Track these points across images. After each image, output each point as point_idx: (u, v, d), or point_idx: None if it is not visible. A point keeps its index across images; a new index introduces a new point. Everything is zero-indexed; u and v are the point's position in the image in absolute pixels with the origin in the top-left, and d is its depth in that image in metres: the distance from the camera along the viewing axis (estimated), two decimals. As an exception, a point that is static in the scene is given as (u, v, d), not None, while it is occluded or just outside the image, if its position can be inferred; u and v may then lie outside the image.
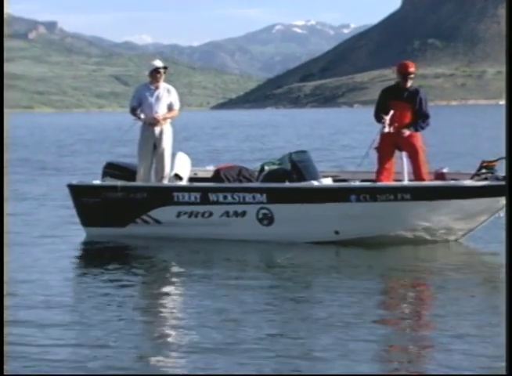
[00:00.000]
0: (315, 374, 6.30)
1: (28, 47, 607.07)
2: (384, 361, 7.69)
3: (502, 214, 12.76)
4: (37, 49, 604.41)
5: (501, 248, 12.70)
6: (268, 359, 7.45)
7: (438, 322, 8.87)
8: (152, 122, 14.23)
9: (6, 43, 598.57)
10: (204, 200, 13.65)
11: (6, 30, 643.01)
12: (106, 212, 14.19)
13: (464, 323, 8.65)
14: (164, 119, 14.28)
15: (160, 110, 14.28)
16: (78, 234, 14.58)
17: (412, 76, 13.69)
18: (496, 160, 13.03)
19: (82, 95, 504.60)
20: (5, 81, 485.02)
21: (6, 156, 39.31)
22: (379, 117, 13.52)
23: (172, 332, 8.73)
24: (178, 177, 14.20)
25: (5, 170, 30.34)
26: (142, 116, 14.20)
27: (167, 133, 14.37)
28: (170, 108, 14.43)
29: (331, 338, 8.13)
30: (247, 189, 13.60)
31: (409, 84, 13.65)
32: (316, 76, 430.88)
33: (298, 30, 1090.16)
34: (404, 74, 13.62)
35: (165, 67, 14.52)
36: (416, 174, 13.44)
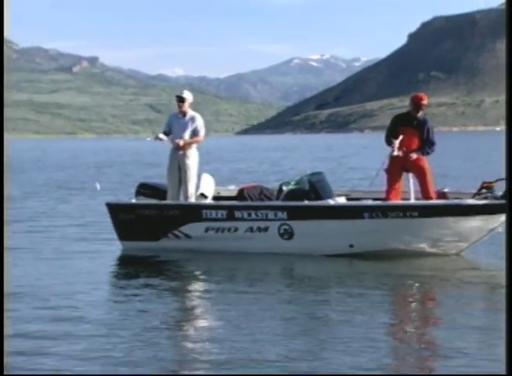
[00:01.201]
0: (317, 374, 5.90)
1: (72, 79, 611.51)
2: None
3: (501, 229, 12.78)
4: (81, 81, 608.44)
5: (500, 261, 12.63)
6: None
7: (440, 333, 8.70)
8: (175, 147, 14.29)
9: (53, 76, 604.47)
10: (230, 217, 13.64)
11: (54, 64, 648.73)
12: (141, 227, 14.17)
13: (466, 335, 8.46)
14: (186, 144, 14.23)
15: (186, 136, 14.25)
16: (115, 248, 14.54)
17: (424, 108, 13.71)
18: (495, 182, 13.07)
19: (120, 122, 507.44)
20: (52, 110, 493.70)
21: (52, 176, 39.66)
22: (389, 141, 13.57)
23: (196, 343, 8.53)
24: (203, 196, 14.23)
25: (47, 189, 30.60)
26: (166, 139, 14.36)
27: (191, 157, 14.33)
28: (194, 134, 14.39)
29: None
30: (270, 207, 13.57)
31: (420, 114, 13.65)
32: (330, 104, 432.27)
33: (314, 64, 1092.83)
34: (417, 105, 13.63)
35: (181, 98, 14.37)
36: (424, 193, 13.40)
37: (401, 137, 13.34)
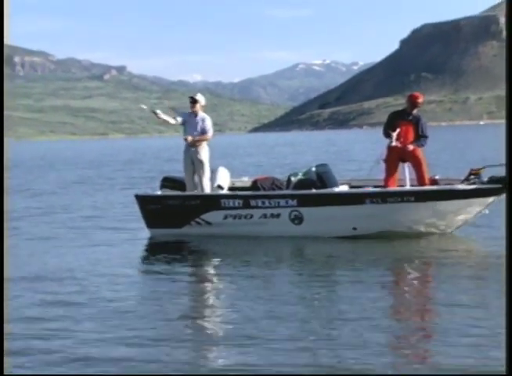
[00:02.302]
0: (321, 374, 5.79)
1: (103, 86, 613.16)
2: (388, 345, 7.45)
3: (487, 211, 13.05)
4: (111, 88, 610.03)
5: (487, 236, 13.12)
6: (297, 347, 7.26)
7: (439, 309, 8.59)
8: (188, 144, 14.31)
9: (86, 83, 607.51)
10: (246, 205, 13.63)
11: (86, 73, 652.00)
12: (166, 216, 14.17)
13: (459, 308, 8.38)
14: (194, 142, 14.20)
15: (194, 134, 14.23)
16: (144, 234, 14.51)
17: (419, 106, 13.76)
18: (482, 169, 13.13)
19: (146, 123, 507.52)
20: (86, 114, 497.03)
21: (86, 173, 39.74)
22: (387, 133, 13.62)
23: (214, 318, 8.49)
24: (220, 187, 14.24)
25: (86, 184, 30.63)
26: (161, 115, 14.41)
27: (202, 152, 14.29)
28: (203, 133, 14.34)
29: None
30: (281, 196, 13.54)
31: (415, 111, 13.66)
32: (332, 104, 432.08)
33: (317, 68, 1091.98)
34: (413, 103, 13.64)
35: (194, 99, 14.37)
36: (420, 180, 13.42)
37: (398, 129, 13.37)
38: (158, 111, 14.38)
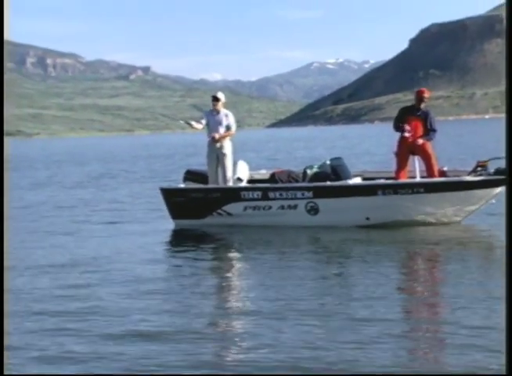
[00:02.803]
0: (326, 374, 5.76)
1: (129, 85, 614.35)
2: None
3: (494, 201, 12.98)
4: (136, 87, 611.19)
5: (493, 225, 12.96)
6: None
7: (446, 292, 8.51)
8: (212, 139, 14.31)
9: (113, 83, 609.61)
10: (265, 197, 13.61)
11: (113, 73, 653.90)
12: (190, 208, 14.18)
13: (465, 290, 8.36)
14: (220, 138, 14.22)
15: (221, 130, 14.28)
16: (168, 225, 14.50)
17: (426, 100, 13.64)
18: (488, 161, 13.09)
19: (169, 120, 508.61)
20: (113, 111, 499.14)
21: (112, 166, 39.85)
22: (397, 127, 13.66)
23: (237, 300, 8.59)
24: (239, 180, 14.25)
25: (110, 177, 30.70)
26: (194, 124, 14.39)
27: (226, 147, 14.35)
28: (227, 129, 14.39)
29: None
30: (298, 188, 13.51)
31: (422, 106, 13.58)
32: (345, 100, 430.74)
33: (330, 66, 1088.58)
34: (420, 98, 13.59)
35: (216, 97, 14.41)
36: (429, 172, 13.37)
37: (408, 127, 13.37)
38: (192, 122, 14.47)
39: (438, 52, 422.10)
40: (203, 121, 14.48)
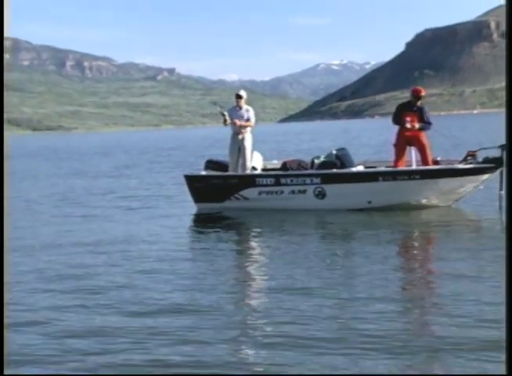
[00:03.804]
0: (329, 374, 5.24)
1: (156, 85, 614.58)
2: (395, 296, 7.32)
3: (482, 187, 12.96)
4: (162, 87, 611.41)
5: (481, 208, 12.95)
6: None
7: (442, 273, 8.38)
8: (235, 132, 14.23)
9: (142, 83, 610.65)
10: (277, 183, 13.55)
11: (142, 74, 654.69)
12: (210, 193, 14.13)
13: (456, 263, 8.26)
14: (241, 126, 14.20)
15: (242, 122, 14.27)
16: (191, 209, 14.43)
17: (422, 98, 13.53)
18: (477, 151, 13.01)
19: (192, 115, 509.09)
20: (142, 108, 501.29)
21: (140, 157, 39.90)
22: (396, 121, 13.53)
23: (255, 275, 8.50)
24: (254, 168, 14.24)
25: (140, 167, 30.71)
26: (229, 120, 14.21)
27: (247, 139, 14.32)
28: (247, 121, 14.36)
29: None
30: (307, 175, 13.45)
31: (418, 103, 13.46)
32: (348, 98, 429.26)
33: (335, 67, 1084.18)
34: (417, 96, 13.45)
35: (239, 95, 14.40)
36: (424, 161, 13.27)
37: (408, 119, 13.27)
38: (226, 114, 14.25)
39: (432, 54, 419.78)
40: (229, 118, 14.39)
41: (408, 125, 13.24)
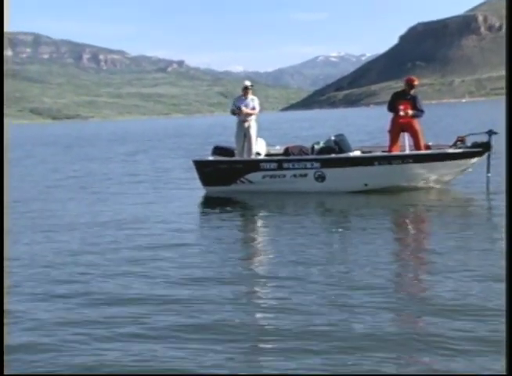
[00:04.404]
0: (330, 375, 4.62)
1: (167, 77, 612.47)
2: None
3: (471, 170, 12.93)
4: (172, 78, 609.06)
5: (469, 188, 12.95)
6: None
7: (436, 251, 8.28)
8: (242, 120, 14.14)
9: (154, 75, 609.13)
10: (280, 167, 13.50)
11: (154, 67, 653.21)
12: (218, 177, 14.07)
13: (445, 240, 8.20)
14: (247, 113, 14.11)
15: (248, 110, 14.18)
16: (199, 192, 14.37)
17: (415, 87, 13.43)
18: (466, 136, 12.98)
19: (200, 105, 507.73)
20: (154, 98, 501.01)
21: (151, 144, 39.84)
22: (390, 108, 13.42)
23: (258, 251, 8.47)
24: (258, 154, 14.18)
25: (151, 151, 30.65)
26: (243, 109, 14.12)
27: (252, 127, 14.24)
28: (253, 109, 14.28)
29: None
30: (308, 160, 13.39)
31: (412, 92, 13.36)
32: (345, 87, 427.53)
33: (333, 59, 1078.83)
34: (411, 85, 13.36)
35: (247, 86, 14.36)
36: (416, 146, 13.20)
37: (402, 107, 13.19)
38: (242, 107, 14.17)
39: (423, 46, 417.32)
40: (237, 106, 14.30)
41: (401, 113, 13.15)
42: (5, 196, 13.07)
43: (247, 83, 14.57)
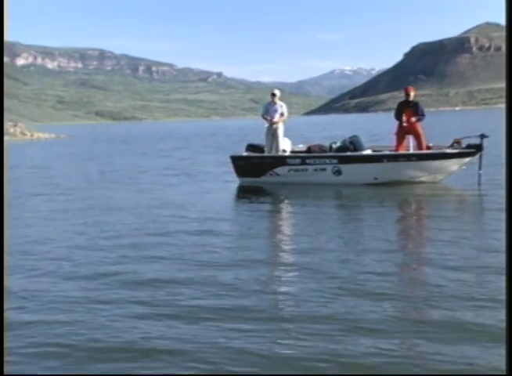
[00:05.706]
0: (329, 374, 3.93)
1: (206, 86, 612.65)
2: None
3: (465, 167, 12.73)
4: (212, 87, 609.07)
5: (463, 183, 12.62)
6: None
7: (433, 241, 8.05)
8: (271, 123, 14.03)
9: (196, 84, 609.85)
10: (303, 162, 13.39)
11: (197, 77, 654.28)
12: (250, 170, 13.99)
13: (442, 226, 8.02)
14: (277, 121, 14.01)
15: (276, 117, 14.07)
16: (235, 182, 14.26)
17: (411, 96, 13.14)
18: (462, 138, 12.81)
19: (234, 109, 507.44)
20: (196, 103, 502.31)
21: (191, 141, 39.85)
22: (397, 116, 13.24)
23: (283, 237, 8.33)
24: (284, 151, 14.08)
25: (191, 149, 30.63)
26: (269, 118, 14.03)
27: (280, 128, 14.12)
28: (281, 115, 14.17)
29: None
30: (327, 156, 13.27)
31: (410, 99, 13.12)
32: (357, 96, 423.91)
33: (348, 72, 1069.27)
34: (408, 94, 13.16)
35: (273, 94, 14.24)
36: (419, 147, 13.02)
37: (404, 116, 13.02)
38: (268, 118, 14.06)
39: (424, 62, 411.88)
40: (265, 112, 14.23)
41: (404, 124, 12.97)
42: (67, 183, 13.07)
43: (276, 91, 14.47)
